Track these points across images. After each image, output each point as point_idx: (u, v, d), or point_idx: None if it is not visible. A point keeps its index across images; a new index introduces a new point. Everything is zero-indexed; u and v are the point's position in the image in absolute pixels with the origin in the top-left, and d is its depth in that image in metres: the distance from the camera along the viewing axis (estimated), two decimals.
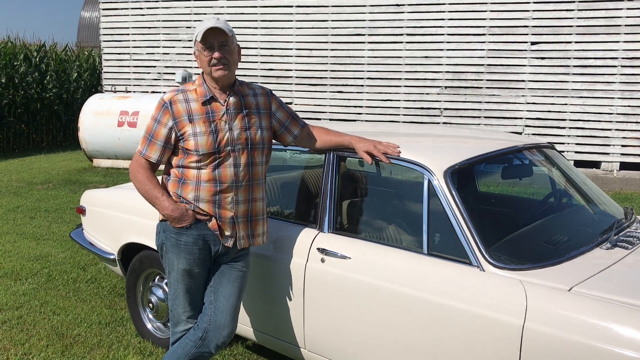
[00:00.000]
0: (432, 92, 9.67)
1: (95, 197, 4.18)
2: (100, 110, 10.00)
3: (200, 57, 2.71)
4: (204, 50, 2.67)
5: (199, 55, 2.71)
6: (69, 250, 5.63)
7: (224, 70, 2.67)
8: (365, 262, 2.80)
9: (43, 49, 14.50)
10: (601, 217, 3.21)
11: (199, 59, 2.72)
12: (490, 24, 9.26)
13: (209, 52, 2.66)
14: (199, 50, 2.69)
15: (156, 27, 11.18)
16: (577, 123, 9.07)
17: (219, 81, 2.71)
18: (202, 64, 2.70)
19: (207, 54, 2.66)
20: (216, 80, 2.70)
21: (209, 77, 2.73)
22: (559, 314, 2.27)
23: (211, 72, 2.68)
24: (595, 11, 8.78)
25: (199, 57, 2.72)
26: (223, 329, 2.78)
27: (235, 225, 2.76)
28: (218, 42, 2.66)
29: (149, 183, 2.74)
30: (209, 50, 2.66)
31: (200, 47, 2.68)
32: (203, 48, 2.67)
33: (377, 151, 2.86)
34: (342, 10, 9.95)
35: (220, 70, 2.67)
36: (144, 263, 3.68)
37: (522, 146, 3.28)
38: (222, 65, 2.67)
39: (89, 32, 24.03)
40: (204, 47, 2.66)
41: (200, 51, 2.68)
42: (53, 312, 4.25)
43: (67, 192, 8.35)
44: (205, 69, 2.70)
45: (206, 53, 2.66)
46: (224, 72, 2.68)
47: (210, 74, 2.69)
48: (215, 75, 2.68)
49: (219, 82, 2.71)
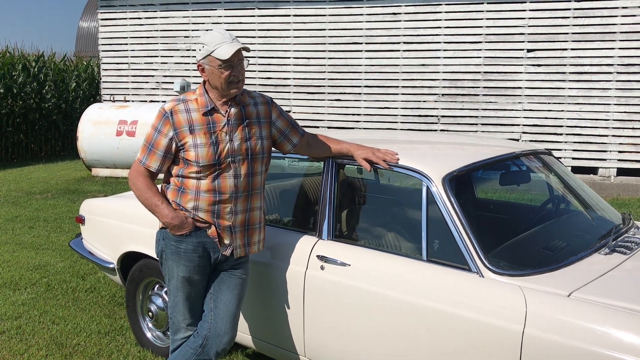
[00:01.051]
0: (430, 99, 9.70)
1: (95, 206, 4.18)
2: (98, 119, 10.02)
3: (213, 72, 2.65)
4: (222, 67, 2.63)
5: (213, 71, 2.65)
6: (68, 260, 5.62)
7: (239, 87, 2.70)
8: (364, 269, 2.81)
9: (41, 59, 14.52)
10: (599, 222, 3.22)
11: (213, 74, 2.66)
12: (486, 31, 9.30)
13: (227, 70, 2.63)
14: (215, 66, 2.64)
15: (154, 36, 11.22)
16: (574, 129, 9.10)
17: (229, 95, 2.70)
18: (216, 79, 2.66)
19: (226, 71, 2.63)
20: (227, 94, 2.70)
21: (213, 89, 2.71)
22: (558, 320, 2.28)
23: (227, 89, 2.67)
24: (591, 18, 8.84)
25: (212, 72, 2.65)
26: (223, 336, 2.78)
27: (232, 234, 2.77)
28: (237, 60, 2.66)
29: (148, 191, 2.74)
30: (229, 68, 2.64)
31: (217, 64, 2.63)
32: (221, 65, 2.63)
33: (375, 158, 2.88)
34: (340, 19, 10.00)
35: (236, 89, 2.68)
36: (144, 272, 3.68)
37: (520, 152, 3.29)
38: (238, 82, 2.68)
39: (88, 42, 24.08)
40: (224, 65, 2.63)
41: (216, 67, 2.63)
42: (52, 321, 4.24)
43: (65, 202, 8.35)
44: (220, 84, 2.66)
45: (224, 70, 2.63)
46: (240, 90, 2.71)
47: (225, 89, 2.67)
48: (232, 93, 2.68)
49: (227, 96, 2.71)
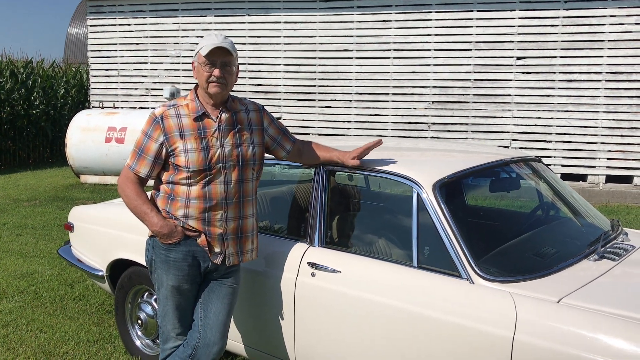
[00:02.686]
0: (420, 107, 9.74)
1: (83, 214, 4.15)
2: (87, 126, 9.96)
3: (199, 70, 2.69)
4: (205, 65, 2.66)
5: (198, 68, 2.70)
6: (57, 267, 5.57)
7: (220, 88, 2.67)
8: (355, 276, 2.80)
9: (30, 65, 14.44)
10: (588, 229, 3.24)
11: (198, 72, 2.70)
12: (476, 39, 9.37)
13: (209, 68, 2.65)
14: (200, 63, 2.68)
15: (144, 43, 11.19)
16: (563, 137, 9.17)
17: (212, 98, 2.71)
18: (200, 77, 2.69)
19: (208, 69, 2.65)
20: (210, 96, 2.71)
21: (202, 92, 2.72)
22: (548, 326, 2.28)
23: (207, 87, 2.68)
24: (579, 27, 8.92)
25: (197, 69, 2.70)
26: (213, 346, 2.76)
27: (224, 242, 2.76)
28: (221, 61, 2.66)
29: (138, 198, 2.72)
30: (210, 66, 2.65)
31: (202, 61, 2.66)
32: (205, 63, 2.65)
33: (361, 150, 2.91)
34: (330, 26, 10.03)
35: (216, 88, 2.67)
36: (133, 279, 3.65)
37: (510, 159, 3.31)
38: (219, 84, 2.67)
39: (76, 49, 23.97)
40: (206, 62, 2.65)
41: (201, 65, 2.67)
42: (40, 330, 4.20)
43: (54, 209, 8.28)
44: (202, 83, 2.70)
45: (207, 68, 2.65)
46: (220, 90, 2.68)
47: (205, 88, 2.69)
48: (210, 91, 2.68)
49: (212, 98, 2.71)
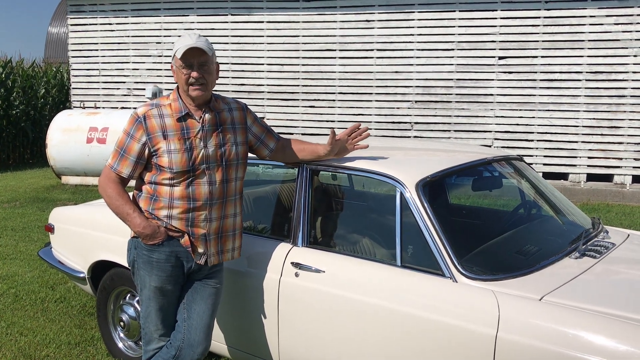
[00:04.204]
0: (403, 106, 9.78)
1: (64, 215, 4.10)
2: (68, 126, 9.84)
3: (177, 74, 2.67)
4: (182, 67, 2.63)
5: (176, 71, 2.67)
6: (37, 270, 5.50)
7: (201, 90, 2.65)
8: (339, 276, 2.80)
9: (9, 65, 14.22)
10: (570, 227, 3.27)
11: (177, 74, 2.68)
12: (458, 39, 9.42)
13: (187, 70, 2.63)
14: (177, 66, 2.65)
15: (125, 42, 11.09)
16: (544, 136, 9.26)
17: (194, 100, 2.69)
18: (180, 80, 2.67)
19: (186, 72, 2.63)
20: (192, 98, 2.68)
21: (184, 93, 2.70)
22: (530, 323, 2.30)
23: (188, 91, 2.66)
24: (560, 27, 9.01)
25: (176, 72, 2.68)
26: (197, 346, 2.75)
27: (207, 243, 2.74)
28: (197, 62, 2.63)
29: (120, 199, 2.69)
30: (187, 68, 2.63)
31: (179, 64, 2.64)
32: (182, 65, 2.63)
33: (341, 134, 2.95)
34: (313, 26, 10.02)
35: (197, 90, 2.65)
36: (115, 281, 3.62)
37: (492, 158, 3.33)
38: (199, 85, 2.64)
39: (57, 48, 23.70)
40: (182, 65, 2.63)
41: (179, 68, 2.64)
42: (20, 333, 4.14)
43: (34, 210, 8.17)
44: (182, 86, 2.67)
45: (184, 71, 2.63)
46: (201, 92, 2.66)
47: (187, 91, 2.66)
48: (191, 95, 2.66)
49: (194, 100, 2.69)
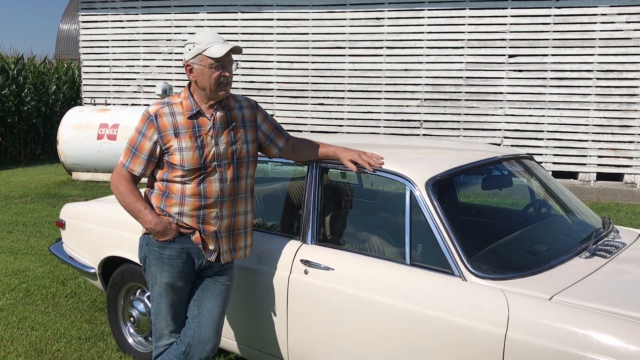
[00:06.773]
0: (412, 104, 9.76)
1: (75, 211, 4.13)
2: (79, 123, 9.91)
3: (205, 72, 2.62)
4: (214, 67, 2.61)
5: (202, 71, 2.63)
6: (48, 265, 5.55)
7: (228, 90, 2.69)
8: (348, 274, 2.81)
9: (21, 61, 14.32)
10: (580, 226, 3.26)
11: (202, 74, 2.63)
12: (468, 37, 9.38)
13: (218, 70, 2.62)
14: (206, 65, 2.62)
15: (136, 39, 11.14)
16: (554, 134, 9.21)
17: (218, 98, 2.69)
18: (207, 80, 2.63)
19: (216, 71, 2.62)
20: (215, 97, 2.68)
21: (199, 91, 2.69)
22: (540, 323, 2.30)
23: (216, 90, 2.65)
24: (571, 24, 8.96)
25: (202, 72, 2.63)
26: (206, 343, 2.76)
27: (218, 240, 2.75)
28: (228, 61, 2.66)
29: (131, 196, 2.71)
30: (219, 67, 2.63)
31: (208, 63, 2.61)
32: (215, 65, 2.61)
33: (361, 160, 2.88)
34: (323, 24, 10.02)
35: (225, 91, 2.67)
36: (125, 277, 3.64)
37: (502, 157, 3.32)
38: (228, 84, 2.67)
39: (68, 45, 23.79)
40: (216, 64, 2.62)
41: (208, 67, 2.61)
42: (31, 327, 4.18)
43: (45, 206, 8.24)
44: (209, 85, 2.64)
45: (215, 70, 2.62)
46: (228, 92, 2.70)
47: (213, 91, 2.65)
48: (220, 94, 2.66)
49: (215, 98, 2.69)
